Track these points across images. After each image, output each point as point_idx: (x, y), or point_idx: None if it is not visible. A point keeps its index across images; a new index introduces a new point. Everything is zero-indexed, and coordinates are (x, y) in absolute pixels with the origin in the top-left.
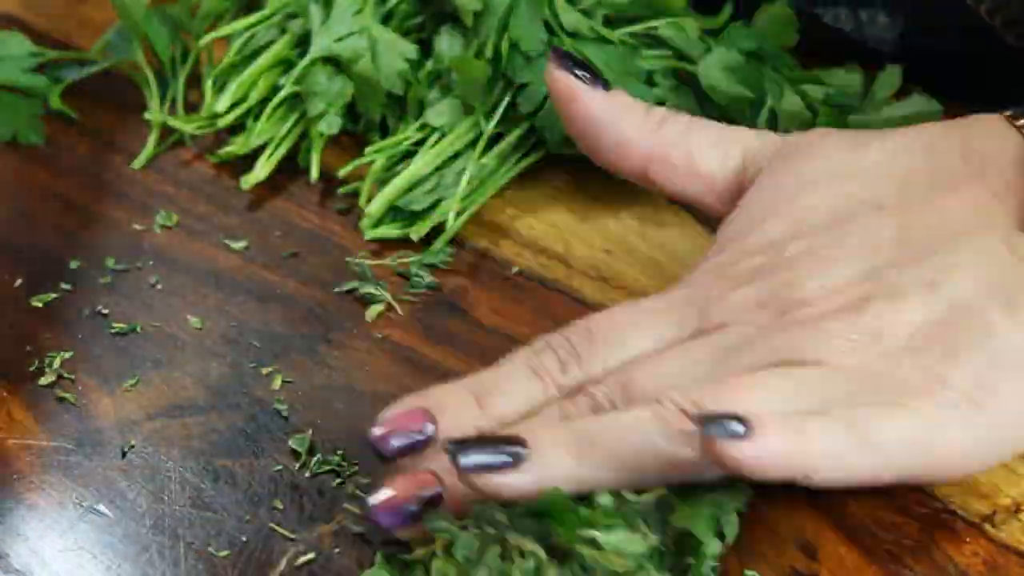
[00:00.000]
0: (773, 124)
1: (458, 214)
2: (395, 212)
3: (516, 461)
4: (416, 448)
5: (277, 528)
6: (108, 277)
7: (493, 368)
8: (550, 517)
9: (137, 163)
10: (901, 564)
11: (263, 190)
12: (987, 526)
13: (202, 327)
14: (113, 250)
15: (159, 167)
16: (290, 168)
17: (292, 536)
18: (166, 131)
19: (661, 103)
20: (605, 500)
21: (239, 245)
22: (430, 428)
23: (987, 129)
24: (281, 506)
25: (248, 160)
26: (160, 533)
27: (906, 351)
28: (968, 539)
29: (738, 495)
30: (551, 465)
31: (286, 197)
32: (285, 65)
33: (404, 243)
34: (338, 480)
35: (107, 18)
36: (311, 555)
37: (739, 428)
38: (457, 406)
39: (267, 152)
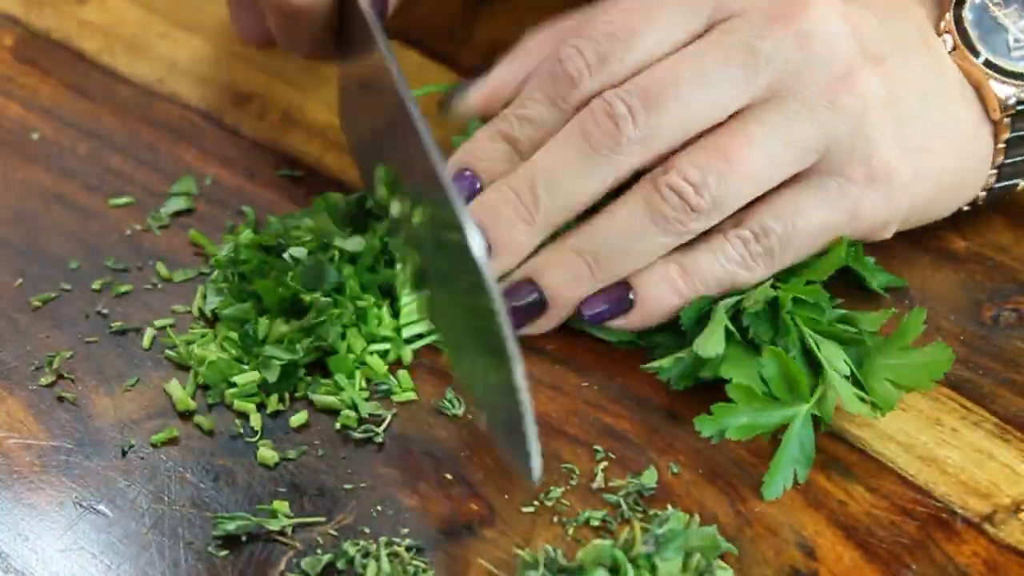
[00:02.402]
0: None
1: None
2: None
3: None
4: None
5: (277, 528)
6: (108, 277)
7: (515, 102)
8: None
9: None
10: (901, 564)
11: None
12: (987, 526)
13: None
14: (113, 250)
15: (159, 167)
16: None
17: (292, 536)
18: None
19: None
20: None
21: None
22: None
23: None
24: (281, 506)
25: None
26: (160, 533)
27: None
28: (968, 539)
29: None
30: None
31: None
32: None
33: None
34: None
35: (108, 20)
36: (310, 555)
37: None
38: (488, 154)
39: None
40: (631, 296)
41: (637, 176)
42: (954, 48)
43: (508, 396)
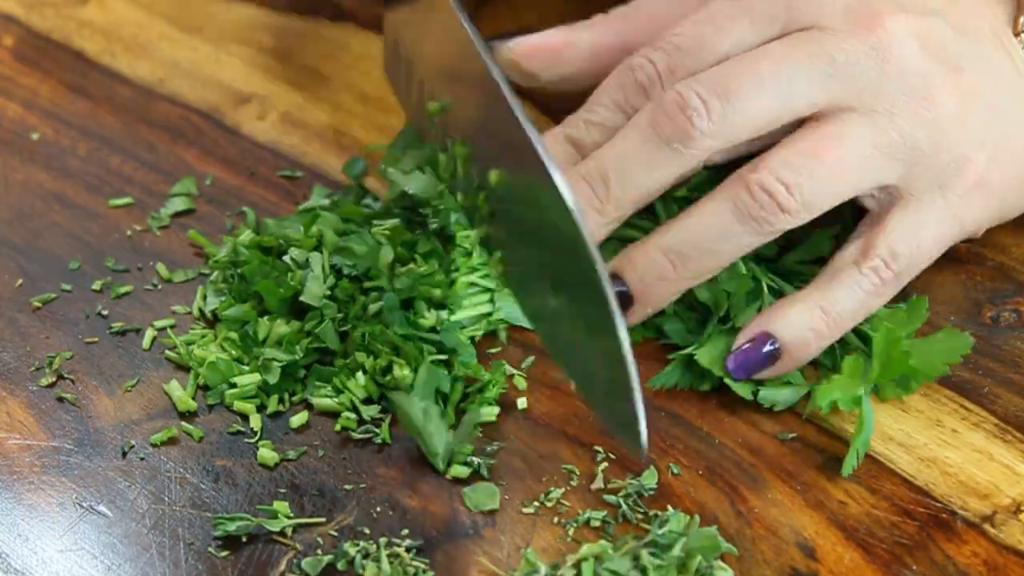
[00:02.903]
0: None
1: None
2: None
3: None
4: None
5: (277, 528)
6: (108, 277)
7: (587, 109)
8: None
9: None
10: (901, 564)
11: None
12: (987, 526)
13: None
14: (113, 250)
15: (159, 167)
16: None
17: (292, 536)
18: None
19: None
20: None
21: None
22: None
23: None
24: (281, 506)
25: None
26: (160, 533)
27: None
28: (968, 539)
29: None
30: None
31: None
32: None
33: None
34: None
35: (108, 20)
36: (310, 555)
37: None
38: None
39: None
40: (776, 347)
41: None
42: None
43: (609, 362)
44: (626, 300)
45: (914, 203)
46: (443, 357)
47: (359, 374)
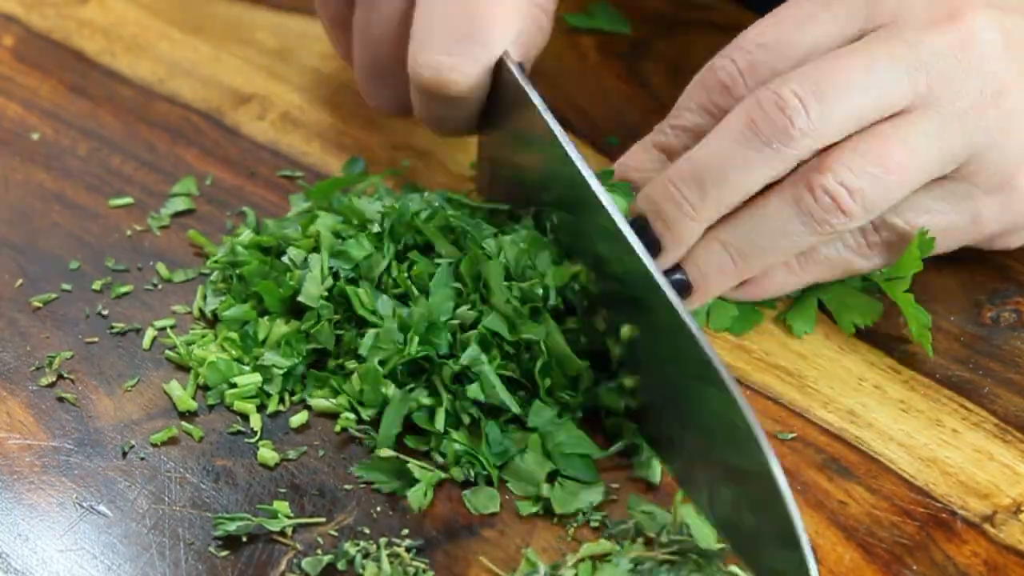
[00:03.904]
0: None
1: None
2: None
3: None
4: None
5: (277, 528)
6: (108, 277)
7: (673, 115)
8: None
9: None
10: (901, 564)
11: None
12: (987, 526)
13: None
14: (113, 250)
15: (159, 167)
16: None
17: (292, 536)
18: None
19: None
20: None
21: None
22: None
23: None
24: (281, 506)
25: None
26: (160, 533)
27: None
28: (968, 539)
29: None
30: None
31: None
32: None
33: None
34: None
35: (108, 20)
36: (311, 555)
37: None
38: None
39: None
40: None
41: None
42: None
43: (762, 500)
44: (685, 289)
45: (937, 186)
46: None
47: (355, 376)
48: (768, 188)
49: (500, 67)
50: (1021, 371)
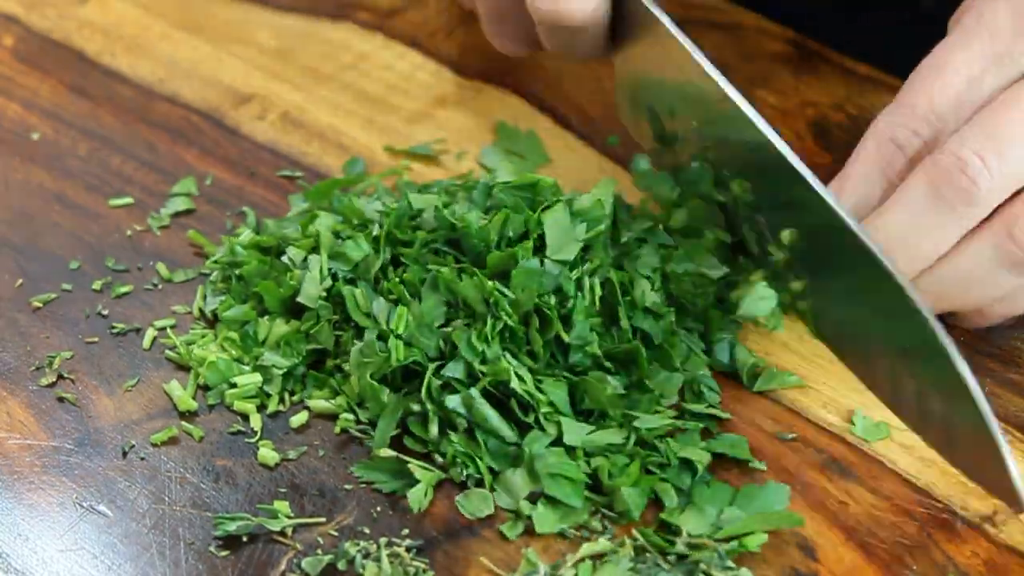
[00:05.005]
0: None
1: None
2: None
3: None
4: None
5: (277, 528)
6: (108, 277)
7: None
8: None
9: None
10: (901, 564)
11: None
12: (987, 526)
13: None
14: (113, 250)
15: (159, 167)
16: None
17: (292, 536)
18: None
19: None
20: None
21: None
22: None
23: None
24: (281, 506)
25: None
26: (160, 533)
27: None
28: (968, 539)
29: None
30: None
31: None
32: None
33: None
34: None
35: (108, 20)
36: (311, 555)
37: None
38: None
39: None
40: None
41: None
42: None
43: (963, 414)
44: None
45: None
46: None
47: (352, 378)
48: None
49: None
50: (1021, 371)
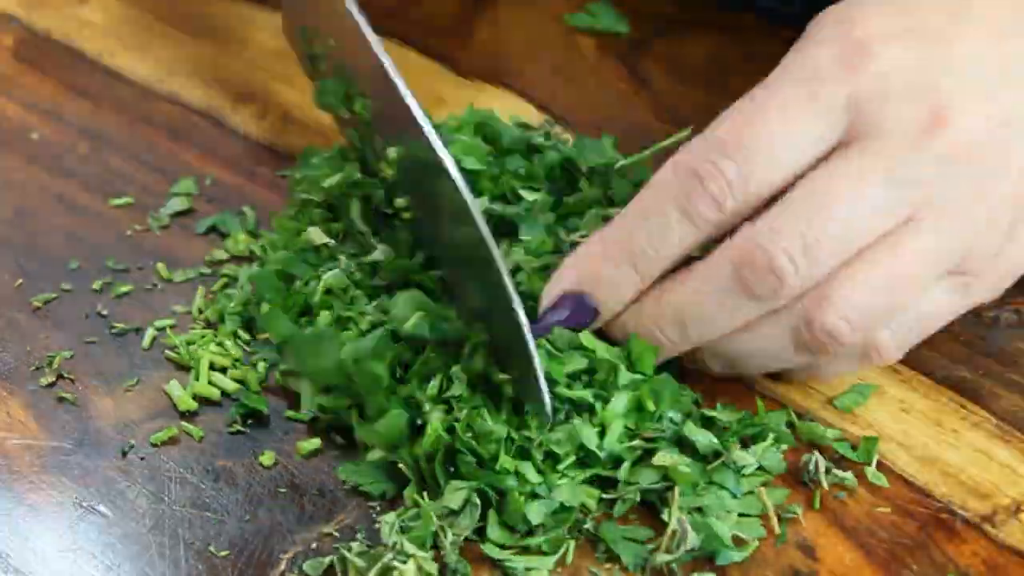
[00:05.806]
0: None
1: None
2: None
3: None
4: (583, 325)
5: (277, 528)
6: (108, 277)
7: (639, 213)
8: None
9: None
10: (901, 564)
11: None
12: (987, 526)
13: None
14: (113, 250)
15: (159, 167)
16: None
17: (292, 536)
18: None
19: None
20: None
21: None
22: (592, 305)
23: None
24: (281, 506)
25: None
26: (160, 533)
27: None
28: (968, 539)
29: None
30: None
31: None
32: None
33: None
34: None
35: (108, 19)
36: (310, 555)
37: None
38: (615, 280)
39: None
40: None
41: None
42: None
43: (515, 343)
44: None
45: (947, 285)
46: None
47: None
48: None
49: None
50: (1021, 371)
